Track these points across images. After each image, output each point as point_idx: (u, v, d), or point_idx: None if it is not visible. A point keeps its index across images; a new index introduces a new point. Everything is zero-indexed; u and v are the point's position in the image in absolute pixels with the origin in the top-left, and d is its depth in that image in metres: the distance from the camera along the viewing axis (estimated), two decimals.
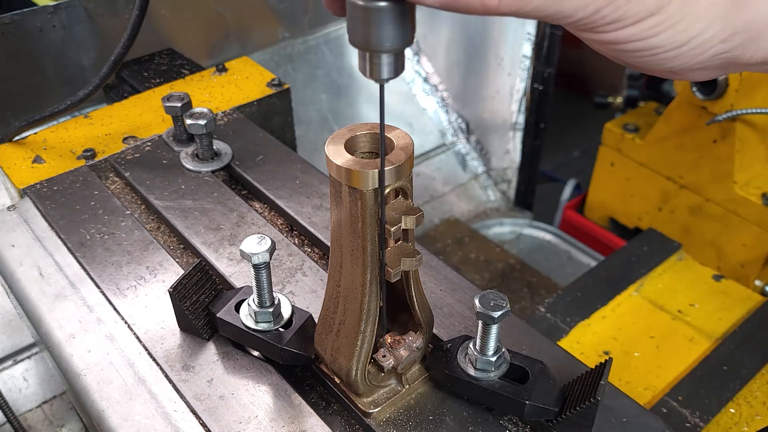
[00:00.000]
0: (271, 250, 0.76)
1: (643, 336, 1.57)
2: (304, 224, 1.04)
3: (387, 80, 0.54)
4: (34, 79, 1.58)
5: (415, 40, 0.53)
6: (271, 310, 0.80)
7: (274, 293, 0.81)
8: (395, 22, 0.50)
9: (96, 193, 1.11)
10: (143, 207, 1.11)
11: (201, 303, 0.84)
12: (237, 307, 0.83)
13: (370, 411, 0.76)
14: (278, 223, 1.08)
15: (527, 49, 2.31)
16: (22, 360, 1.62)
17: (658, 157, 1.92)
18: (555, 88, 2.35)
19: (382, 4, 0.49)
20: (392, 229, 0.65)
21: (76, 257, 0.99)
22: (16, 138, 1.24)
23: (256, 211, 1.09)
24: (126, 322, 0.89)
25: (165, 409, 0.78)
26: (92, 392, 0.81)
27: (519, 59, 2.35)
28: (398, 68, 0.54)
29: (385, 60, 0.53)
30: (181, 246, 1.04)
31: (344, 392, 0.78)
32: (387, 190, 0.63)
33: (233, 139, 1.22)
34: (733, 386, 1.42)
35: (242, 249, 0.76)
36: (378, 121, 0.62)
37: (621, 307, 1.64)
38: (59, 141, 1.23)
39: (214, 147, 1.17)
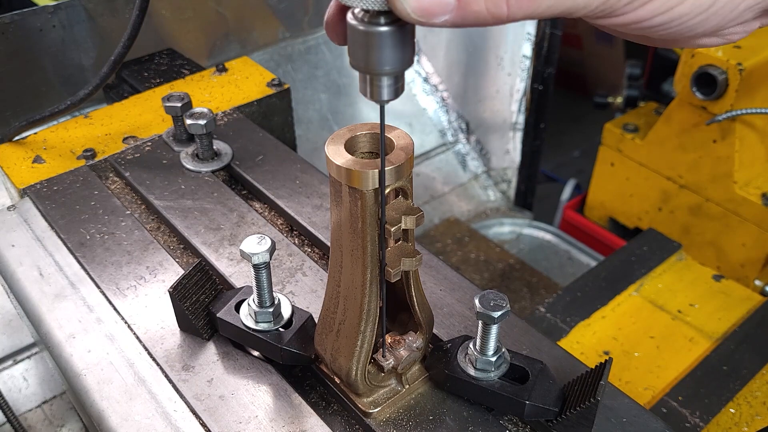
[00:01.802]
0: (271, 250, 0.76)
1: (643, 336, 1.57)
2: (304, 224, 1.04)
3: (387, 102, 0.56)
4: (34, 79, 1.58)
5: (415, 40, 0.54)
6: (271, 310, 0.80)
7: (274, 293, 0.81)
8: (395, 45, 0.51)
9: (96, 193, 1.11)
10: (143, 207, 1.11)
11: (201, 303, 0.84)
12: (237, 307, 0.83)
13: (370, 411, 0.76)
14: (278, 223, 1.08)
15: (527, 49, 2.31)
16: (22, 360, 1.62)
17: (658, 157, 1.92)
18: (555, 88, 2.35)
19: (383, 28, 0.50)
20: (392, 229, 0.65)
21: (76, 257, 0.99)
22: (16, 138, 1.24)
23: (256, 211, 1.09)
24: (126, 322, 0.89)
25: (165, 409, 0.78)
26: (92, 392, 0.80)
27: (519, 59, 2.35)
28: (398, 90, 0.55)
29: (386, 82, 0.54)
30: (181, 246, 1.04)
31: (344, 392, 0.78)
32: (387, 190, 0.63)
33: (233, 139, 1.22)
34: (733, 386, 1.42)
35: (242, 249, 0.76)
36: (378, 121, 0.63)
37: (621, 307, 1.63)
38: (59, 141, 1.23)
39: (214, 147, 1.17)
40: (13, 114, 1.57)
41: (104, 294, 0.93)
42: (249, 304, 0.81)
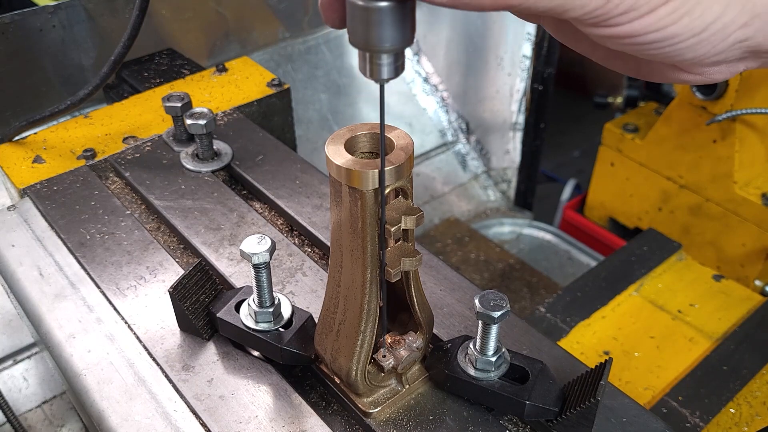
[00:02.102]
0: (271, 250, 0.76)
1: (643, 336, 1.57)
2: (304, 224, 1.04)
3: (387, 80, 0.54)
4: (34, 79, 1.58)
5: (415, 40, 0.53)
6: (271, 310, 0.80)
7: (274, 293, 0.81)
8: (396, 22, 0.50)
9: (96, 193, 1.11)
10: (143, 207, 1.11)
11: (201, 303, 0.84)
12: (237, 307, 0.83)
13: (370, 411, 0.76)
14: (278, 223, 1.08)
15: (527, 49, 2.31)
16: (22, 360, 1.62)
17: (658, 157, 1.92)
18: (555, 88, 2.35)
19: (383, 4, 0.49)
20: (392, 229, 0.65)
21: (76, 257, 0.99)
22: (16, 138, 1.24)
23: (256, 211, 1.09)
24: (126, 322, 0.89)
25: (165, 409, 0.78)
26: (92, 392, 0.80)
27: (519, 59, 2.35)
28: (398, 68, 0.54)
29: (386, 60, 0.53)
30: (181, 246, 1.04)
31: (344, 392, 0.78)
32: (387, 190, 0.63)
33: (233, 139, 1.22)
34: (733, 386, 1.42)
35: (242, 249, 0.76)
36: (378, 121, 0.62)
37: (621, 307, 1.63)
38: (59, 141, 1.23)
39: (214, 147, 1.17)
40: (13, 114, 1.57)
41: (104, 294, 0.93)
42: (249, 304, 0.81)
